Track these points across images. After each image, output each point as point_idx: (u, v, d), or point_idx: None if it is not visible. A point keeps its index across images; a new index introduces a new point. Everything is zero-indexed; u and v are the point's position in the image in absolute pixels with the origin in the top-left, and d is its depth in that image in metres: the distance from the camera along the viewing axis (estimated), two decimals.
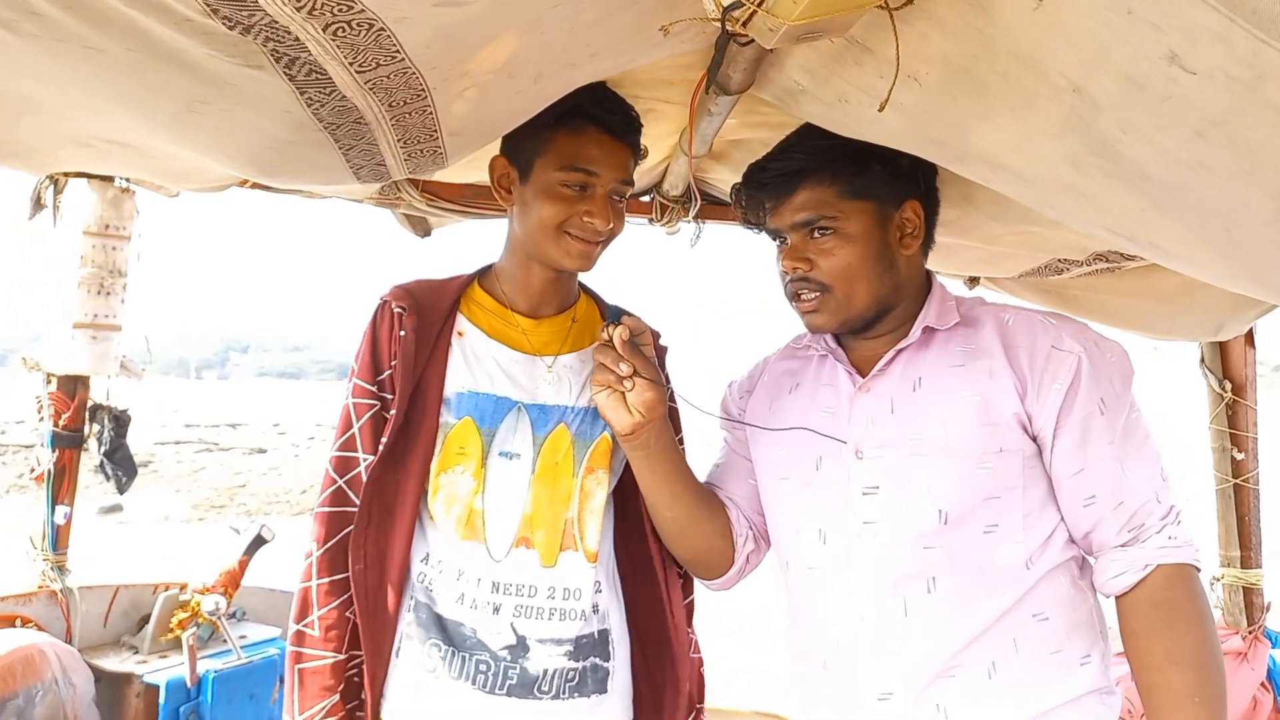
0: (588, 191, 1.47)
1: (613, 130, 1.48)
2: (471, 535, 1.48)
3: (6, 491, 13.46)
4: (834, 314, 1.39)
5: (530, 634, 1.47)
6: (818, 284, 1.38)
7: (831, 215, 1.37)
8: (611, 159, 1.48)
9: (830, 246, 1.37)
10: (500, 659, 1.45)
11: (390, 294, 1.56)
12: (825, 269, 1.37)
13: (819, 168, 1.38)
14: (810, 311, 1.40)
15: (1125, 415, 1.31)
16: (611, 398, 1.40)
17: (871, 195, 1.38)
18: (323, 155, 1.25)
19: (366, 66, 0.99)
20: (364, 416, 1.51)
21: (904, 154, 1.34)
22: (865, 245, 1.37)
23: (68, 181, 2.33)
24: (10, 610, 2.30)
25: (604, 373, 1.40)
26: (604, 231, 1.48)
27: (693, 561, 1.58)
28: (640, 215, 2.51)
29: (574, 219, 1.46)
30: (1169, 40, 0.75)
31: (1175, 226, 1.05)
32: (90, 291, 2.34)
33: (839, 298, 1.38)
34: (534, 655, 1.47)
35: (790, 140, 1.46)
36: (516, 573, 1.49)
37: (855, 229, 1.37)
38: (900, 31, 1.02)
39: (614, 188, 1.49)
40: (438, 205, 2.34)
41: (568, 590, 1.51)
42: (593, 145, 1.46)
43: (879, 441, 1.35)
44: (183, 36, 0.89)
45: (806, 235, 1.39)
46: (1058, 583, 1.30)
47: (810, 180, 1.38)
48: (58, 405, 2.40)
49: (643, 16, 1.11)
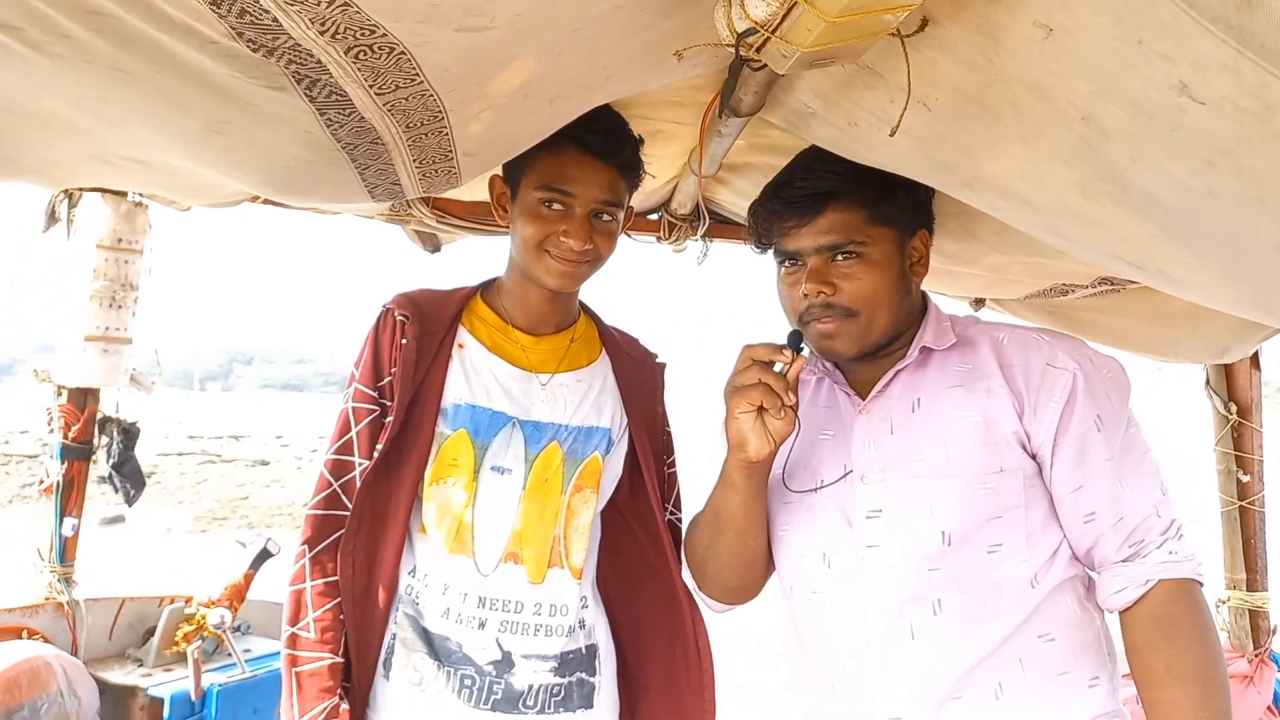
0: (566, 211, 1.47)
1: (593, 150, 1.47)
2: (460, 549, 1.49)
3: (10, 501, 13.46)
4: (854, 340, 1.36)
5: (516, 649, 1.48)
6: (842, 309, 1.35)
7: (860, 240, 1.34)
8: (591, 179, 1.47)
9: (853, 271, 1.35)
10: (486, 674, 1.47)
11: (394, 301, 1.57)
12: (849, 294, 1.34)
13: (849, 190, 1.36)
14: (830, 336, 1.36)
15: (1123, 430, 1.31)
16: (756, 421, 1.31)
17: (894, 222, 1.38)
18: (339, 174, 1.27)
19: (386, 89, 1.01)
20: (363, 421, 1.52)
21: (921, 184, 1.35)
22: (888, 272, 1.36)
23: (82, 195, 2.35)
24: (17, 622, 2.30)
25: (766, 395, 1.29)
26: (580, 251, 1.47)
27: (740, 590, 1.52)
28: (648, 233, 2.52)
29: (552, 238, 1.47)
30: (1179, 71, 0.77)
31: (1184, 253, 1.06)
32: (102, 304, 2.36)
33: (862, 324, 1.35)
34: (519, 671, 1.48)
35: (810, 161, 1.44)
36: (504, 588, 1.49)
37: (879, 255, 1.35)
38: (911, 57, 1.03)
39: (595, 208, 1.48)
40: (447, 222, 2.36)
41: (554, 606, 1.52)
42: (571, 165, 1.46)
43: (881, 465, 1.35)
44: (207, 58, 0.91)
45: (829, 259, 1.36)
46: (1064, 603, 1.30)
47: (839, 202, 1.36)
48: (67, 417, 2.41)
49: (658, 41, 1.13)
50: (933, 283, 2.39)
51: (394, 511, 1.49)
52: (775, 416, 1.29)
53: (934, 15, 0.98)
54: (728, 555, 1.46)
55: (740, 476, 1.37)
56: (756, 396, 1.28)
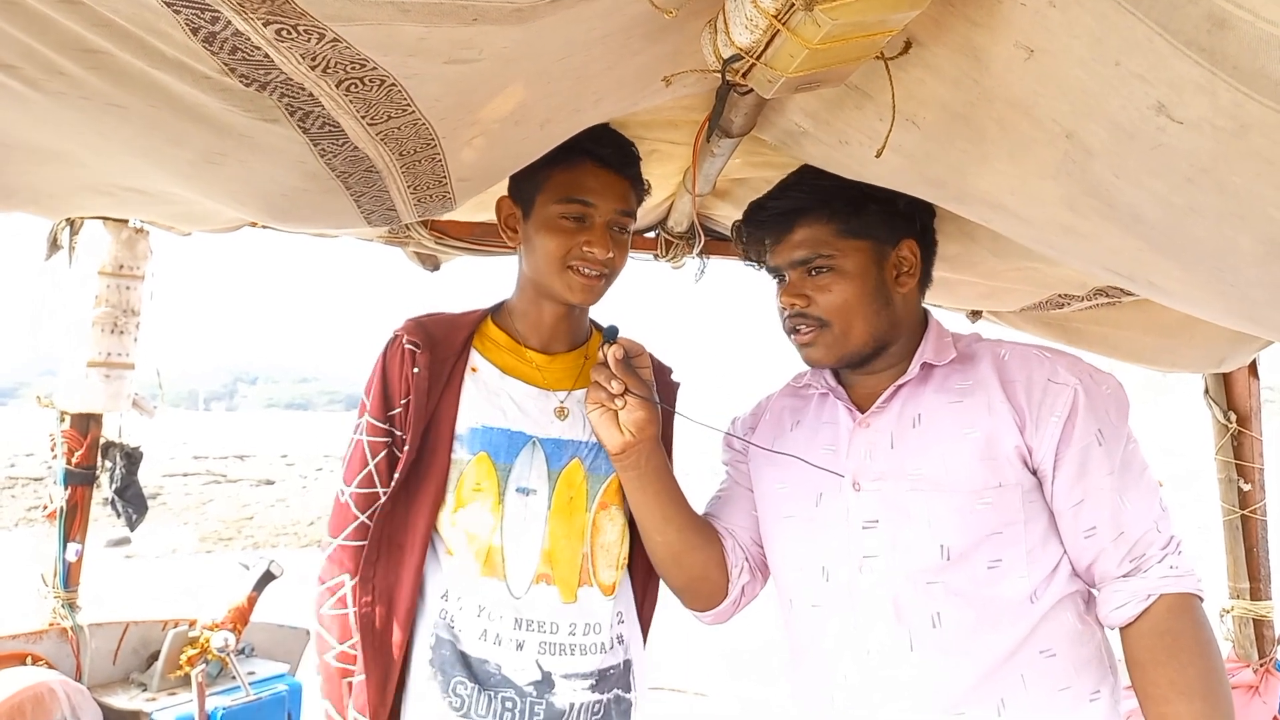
0: (586, 222, 1.50)
1: (607, 162, 1.50)
2: (491, 572, 1.49)
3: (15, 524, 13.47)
4: (830, 348, 1.41)
5: (555, 670, 1.48)
6: (815, 319, 1.40)
7: (829, 254, 1.39)
8: (608, 190, 1.50)
9: (827, 283, 1.39)
10: (526, 695, 1.47)
11: (403, 328, 1.57)
12: (822, 305, 1.39)
13: (816, 207, 1.41)
14: (807, 345, 1.42)
15: (1123, 446, 1.32)
16: (604, 416, 1.42)
17: (868, 234, 1.41)
18: (335, 202, 1.28)
19: (378, 119, 1.02)
20: (378, 455, 1.53)
21: (901, 195, 1.37)
22: (862, 283, 1.39)
23: (83, 223, 2.37)
24: (21, 648, 2.30)
25: (597, 390, 1.42)
26: (604, 260, 1.50)
27: (684, 590, 1.57)
28: (646, 251, 2.54)
29: (575, 250, 1.48)
30: (1156, 92, 0.78)
31: (1171, 266, 1.07)
32: (104, 330, 2.37)
33: (836, 333, 1.40)
34: (559, 690, 1.48)
35: (789, 180, 1.49)
36: (538, 610, 1.50)
37: (852, 266, 1.39)
38: (897, 77, 1.05)
39: (612, 218, 1.51)
40: (445, 243, 2.37)
41: (589, 625, 1.52)
42: (589, 177, 1.49)
43: (876, 474, 1.36)
44: (201, 93, 0.92)
45: (805, 273, 1.41)
46: (1064, 618, 1.30)
47: (808, 219, 1.41)
48: (71, 443, 2.42)
49: (647, 65, 1.15)
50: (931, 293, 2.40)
51: (412, 540, 1.50)
52: (611, 406, 1.42)
53: (918, 38, 0.99)
54: (656, 553, 1.55)
55: (621, 471, 1.50)
56: (594, 395, 1.44)
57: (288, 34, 0.81)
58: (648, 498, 1.49)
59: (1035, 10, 0.81)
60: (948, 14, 0.91)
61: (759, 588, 1.60)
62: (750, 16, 0.88)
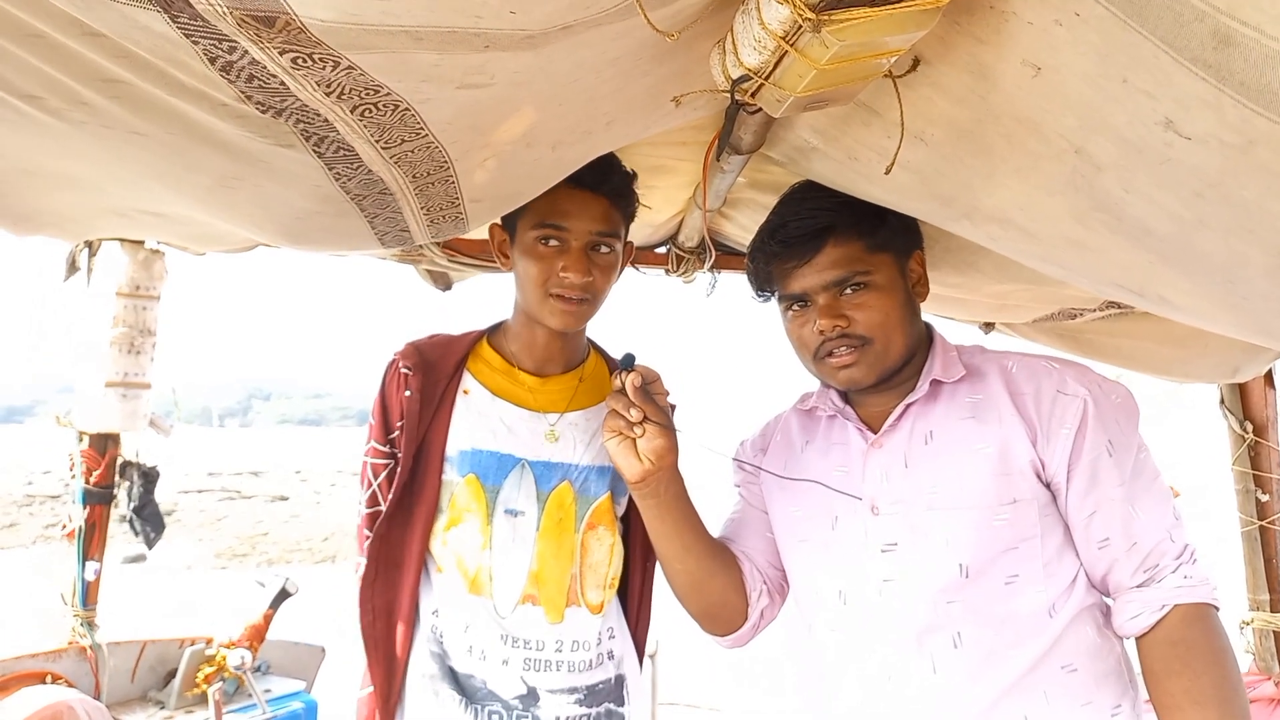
0: (563, 246, 1.49)
1: (582, 182, 1.48)
2: (478, 591, 1.52)
3: (34, 541, 13.56)
4: (872, 366, 1.36)
5: (540, 685, 1.50)
6: (857, 338, 1.35)
7: (864, 270, 1.35)
8: (583, 211, 1.48)
9: (864, 300, 1.35)
10: (513, 708, 1.49)
11: (400, 352, 1.59)
12: (863, 323, 1.35)
13: (844, 223, 1.37)
14: (847, 365, 1.36)
15: (1133, 456, 1.31)
16: (622, 444, 1.37)
17: (891, 247, 1.39)
18: (349, 224, 1.30)
19: (392, 143, 1.04)
20: (380, 476, 1.56)
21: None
22: (895, 295, 1.37)
23: (100, 245, 2.40)
24: (40, 667, 2.32)
25: (615, 419, 1.37)
26: (581, 285, 1.48)
27: (705, 616, 1.53)
28: (657, 266, 2.55)
29: (553, 277, 1.48)
30: (1163, 108, 0.78)
31: (1182, 280, 1.07)
32: (121, 350, 2.40)
33: (878, 350, 1.36)
34: (545, 704, 1.50)
35: (799, 199, 1.46)
36: (524, 628, 1.51)
37: (884, 280, 1.37)
38: (905, 95, 1.06)
39: (590, 240, 1.49)
40: (458, 260, 2.39)
41: (576, 643, 1.54)
42: (563, 200, 1.48)
43: (894, 497, 1.34)
44: (219, 120, 0.94)
45: (836, 293, 1.37)
46: (1083, 631, 1.29)
47: (837, 236, 1.37)
48: (89, 462, 2.44)
49: (656, 86, 1.16)
50: (942, 308, 2.40)
51: (408, 558, 1.53)
52: (630, 435, 1.36)
53: (925, 56, 1.00)
54: (675, 581, 1.51)
55: (639, 500, 1.44)
56: (612, 424, 1.37)
57: (303, 62, 0.82)
58: (667, 527, 1.45)
59: (1042, 28, 0.82)
60: (954, 33, 0.92)
61: (777, 610, 1.57)
62: (758, 38, 0.88)
